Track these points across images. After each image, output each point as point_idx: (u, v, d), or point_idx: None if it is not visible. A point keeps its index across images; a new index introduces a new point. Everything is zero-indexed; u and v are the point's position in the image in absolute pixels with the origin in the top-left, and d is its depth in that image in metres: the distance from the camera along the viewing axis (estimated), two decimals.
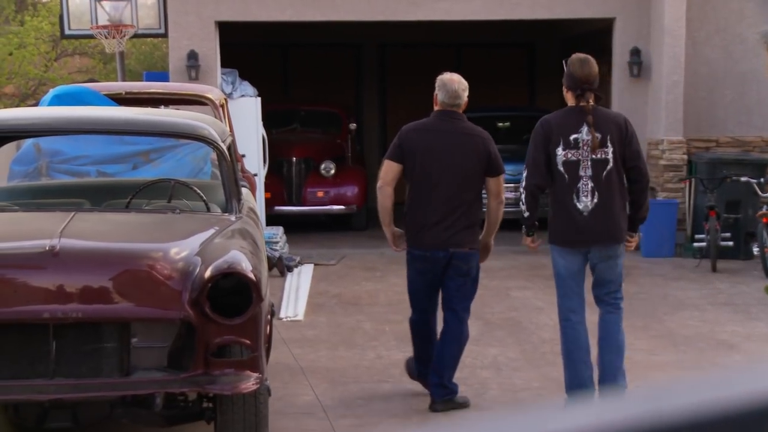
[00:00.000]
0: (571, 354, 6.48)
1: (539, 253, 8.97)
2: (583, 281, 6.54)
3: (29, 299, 4.98)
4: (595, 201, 6.38)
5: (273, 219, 13.98)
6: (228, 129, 7.63)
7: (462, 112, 6.83)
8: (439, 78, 6.82)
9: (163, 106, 10.00)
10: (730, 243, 12.61)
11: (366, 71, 20.45)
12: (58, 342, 5.01)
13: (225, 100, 9.68)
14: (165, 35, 14.90)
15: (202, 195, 6.32)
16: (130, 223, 5.97)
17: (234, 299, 5.08)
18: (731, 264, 12.38)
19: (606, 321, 6.55)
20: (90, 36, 15.35)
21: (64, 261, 5.00)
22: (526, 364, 7.98)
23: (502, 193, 6.84)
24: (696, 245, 12.73)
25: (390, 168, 6.77)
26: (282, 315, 9.68)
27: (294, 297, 10.61)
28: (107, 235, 5.65)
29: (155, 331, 5.17)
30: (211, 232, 5.62)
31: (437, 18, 14.12)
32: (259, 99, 13.53)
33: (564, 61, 6.60)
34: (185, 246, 5.30)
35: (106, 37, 14.13)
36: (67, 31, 15.34)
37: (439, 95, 6.78)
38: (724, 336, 8.90)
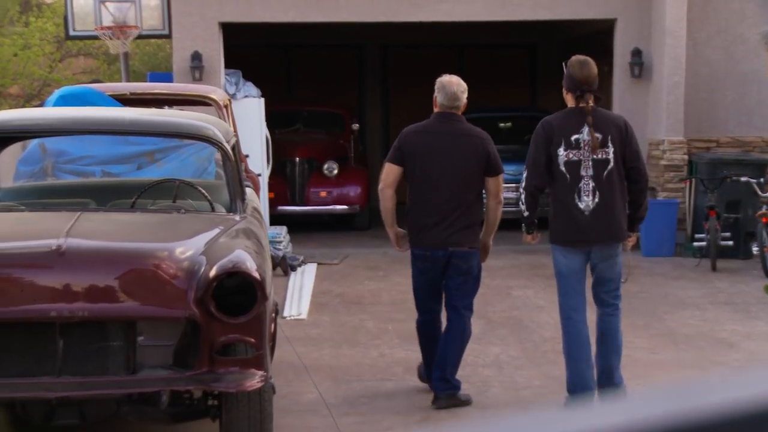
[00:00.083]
0: (573, 352, 6.52)
1: (539, 253, 9.02)
2: (585, 280, 6.58)
3: (36, 298, 5.01)
4: (597, 201, 6.43)
5: (276, 219, 14.01)
6: (232, 129, 7.68)
7: (461, 113, 6.89)
8: (439, 80, 6.87)
9: (167, 106, 10.02)
10: (730, 243, 12.63)
11: (368, 72, 20.48)
12: (64, 340, 5.04)
13: (229, 100, 9.71)
14: (169, 36, 14.93)
15: (206, 195, 6.34)
16: (135, 223, 5.99)
17: (239, 298, 5.11)
18: (731, 263, 12.42)
19: (605, 320, 6.60)
20: (94, 37, 15.37)
21: (70, 260, 5.04)
22: (527, 362, 8.02)
23: (501, 193, 6.90)
24: (696, 245, 12.76)
25: (391, 170, 6.82)
26: (286, 314, 9.71)
27: (297, 296, 10.66)
28: (113, 235, 5.68)
29: (161, 330, 5.21)
30: (216, 231, 5.65)
31: (439, 19, 14.14)
32: (263, 100, 13.55)
33: (564, 63, 6.65)
34: (190, 245, 5.33)
35: (110, 38, 14.16)
36: (72, 32, 15.35)
37: (439, 97, 6.83)
38: (723, 335, 8.94)
